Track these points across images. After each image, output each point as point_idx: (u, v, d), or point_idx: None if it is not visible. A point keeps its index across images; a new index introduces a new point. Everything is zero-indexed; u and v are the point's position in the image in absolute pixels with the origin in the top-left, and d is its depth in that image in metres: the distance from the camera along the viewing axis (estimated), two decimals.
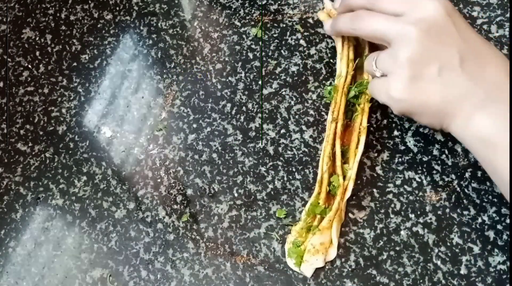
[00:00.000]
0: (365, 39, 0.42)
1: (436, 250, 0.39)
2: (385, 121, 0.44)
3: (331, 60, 0.47)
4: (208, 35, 0.50)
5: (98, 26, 0.53)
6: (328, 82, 0.46)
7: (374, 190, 0.42)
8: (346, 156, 0.41)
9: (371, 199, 0.41)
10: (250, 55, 0.48)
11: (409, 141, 0.43)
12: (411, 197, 0.41)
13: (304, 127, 0.45)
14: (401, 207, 0.41)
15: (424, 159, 0.42)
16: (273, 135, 0.45)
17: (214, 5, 0.52)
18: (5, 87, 0.51)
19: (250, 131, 0.45)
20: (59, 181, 0.46)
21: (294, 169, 0.44)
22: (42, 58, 0.52)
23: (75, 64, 0.52)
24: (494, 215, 0.40)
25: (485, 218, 0.40)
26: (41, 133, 0.49)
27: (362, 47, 0.44)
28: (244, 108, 0.46)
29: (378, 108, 0.45)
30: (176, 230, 0.43)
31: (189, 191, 0.44)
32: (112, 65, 0.51)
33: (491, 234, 0.39)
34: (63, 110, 0.49)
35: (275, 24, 0.50)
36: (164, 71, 0.50)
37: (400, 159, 0.42)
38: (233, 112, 0.47)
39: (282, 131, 0.45)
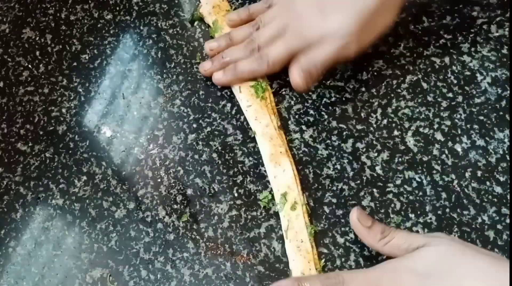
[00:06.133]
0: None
1: None
2: (385, 121, 0.44)
3: None
4: (208, 34, 0.50)
5: (98, 26, 0.53)
6: (328, 82, 0.46)
7: (374, 190, 0.42)
8: None
9: (371, 199, 0.41)
10: None
11: (409, 141, 0.43)
12: (411, 197, 0.41)
13: (304, 127, 0.45)
14: (401, 207, 0.41)
15: (424, 159, 0.42)
16: None
17: None
18: (5, 87, 0.51)
19: (250, 131, 0.45)
20: (59, 181, 0.46)
21: None
22: (42, 58, 0.52)
23: (75, 64, 0.52)
24: (494, 215, 0.40)
25: (485, 218, 0.40)
26: (41, 133, 0.49)
27: None
28: None
29: (378, 107, 0.45)
30: (176, 230, 0.43)
31: (189, 191, 0.44)
32: (112, 65, 0.51)
33: (491, 234, 0.39)
34: (63, 110, 0.49)
35: None
36: (164, 71, 0.50)
37: (400, 159, 0.42)
38: (233, 112, 0.47)
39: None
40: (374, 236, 0.36)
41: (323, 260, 0.40)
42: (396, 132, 0.44)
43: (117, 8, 0.54)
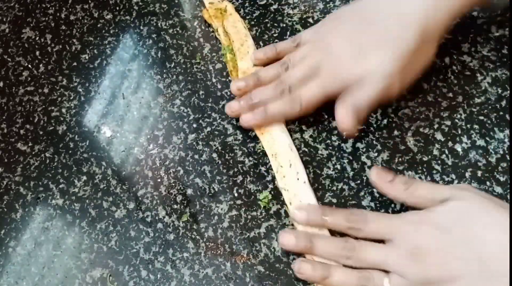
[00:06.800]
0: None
1: None
2: (385, 121, 0.44)
3: None
4: (208, 34, 0.51)
5: (98, 26, 0.53)
6: None
7: (374, 190, 0.42)
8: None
9: (371, 199, 0.41)
10: None
11: (409, 141, 0.43)
12: None
13: (304, 127, 0.45)
14: (401, 207, 0.41)
15: (424, 159, 0.42)
16: None
17: None
18: (5, 87, 0.51)
19: (250, 131, 0.45)
20: (59, 181, 0.46)
21: None
22: (42, 58, 0.52)
23: (75, 64, 0.52)
24: None
25: None
26: (41, 133, 0.49)
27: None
28: None
29: (378, 107, 0.45)
30: (176, 230, 0.43)
31: (189, 191, 0.44)
32: (112, 65, 0.51)
33: None
34: (63, 110, 0.49)
35: (275, 24, 0.50)
36: (164, 71, 0.50)
37: (400, 159, 0.42)
38: None
39: None
40: (398, 188, 0.37)
41: None
42: (396, 132, 0.44)
43: (117, 8, 0.54)
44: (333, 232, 0.39)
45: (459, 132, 0.43)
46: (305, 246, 0.38)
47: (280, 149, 0.43)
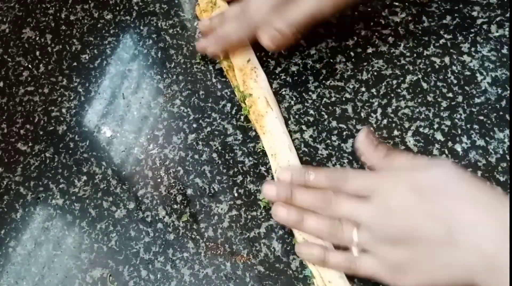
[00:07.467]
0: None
1: None
2: (385, 121, 0.44)
3: (331, 60, 0.47)
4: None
5: (98, 26, 0.53)
6: (328, 82, 0.46)
7: None
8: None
9: None
10: None
11: (409, 141, 0.43)
12: None
13: (304, 127, 0.45)
14: None
15: None
16: None
17: None
18: (5, 87, 0.51)
19: (250, 131, 0.45)
20: (59, 181, 0.46)
21: None
22: (42, 58, 0.52)
23: (75, 64, 0.52)
24: None
25: None
26: (41, 133, 0.49)
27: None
28: None
29: (378, 107, 0.45)
30: (176, 230, 0.43)
31: (189, 191, 0.44)
32: (112, 65, 0.51)
33: None
34: (63, 110, 0.49)
35: None
36: (164, 71, 0.50)
37: None
38: (233, 112, 0.47)
39: None
40: (378, 154, 0.37)
41: None
42: (396, 132, 0.44)
43: (117, 8, 0.54)
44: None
45: (459, 132, 0.43)
46: (286, 196, 0.39)
47: (279, 149, 0.43)
